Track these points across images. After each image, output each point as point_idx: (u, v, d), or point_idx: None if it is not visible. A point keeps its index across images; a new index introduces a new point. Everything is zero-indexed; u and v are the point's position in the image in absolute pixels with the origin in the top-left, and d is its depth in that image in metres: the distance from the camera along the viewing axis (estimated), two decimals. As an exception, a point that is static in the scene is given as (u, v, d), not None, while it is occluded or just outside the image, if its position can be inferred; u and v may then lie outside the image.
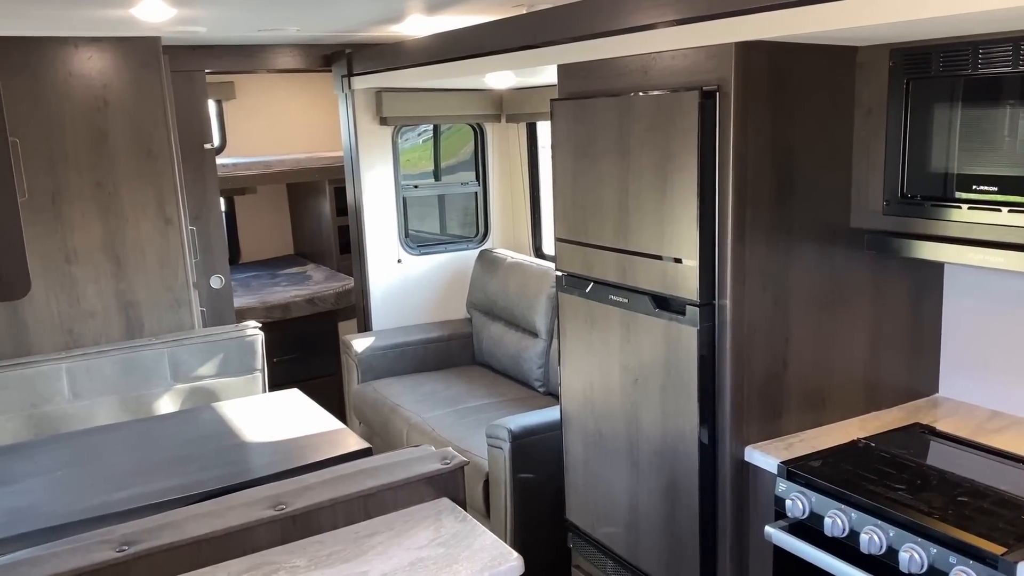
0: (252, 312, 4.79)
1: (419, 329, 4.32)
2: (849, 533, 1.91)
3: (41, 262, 3.35)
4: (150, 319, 3.61)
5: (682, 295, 2.21)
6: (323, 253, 5.91)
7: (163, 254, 3.60)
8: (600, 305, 2.52)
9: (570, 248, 2.62)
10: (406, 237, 4.36)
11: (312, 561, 1.81)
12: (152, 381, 3.49)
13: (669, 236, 2.23)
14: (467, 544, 1.84)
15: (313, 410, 3.05)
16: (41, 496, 2.39)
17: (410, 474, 2.05)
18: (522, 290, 3.87)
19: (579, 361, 2.66)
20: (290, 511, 1.90)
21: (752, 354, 2.19)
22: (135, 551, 1.74)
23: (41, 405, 3.28)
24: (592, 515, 2.71)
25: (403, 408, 3.69)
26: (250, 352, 3.69)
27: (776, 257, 2.18)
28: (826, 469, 2.05)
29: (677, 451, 2.31)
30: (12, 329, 3.36)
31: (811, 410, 2.31)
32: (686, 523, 2.31)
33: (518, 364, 3.89)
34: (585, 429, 2.67)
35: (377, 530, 1.94)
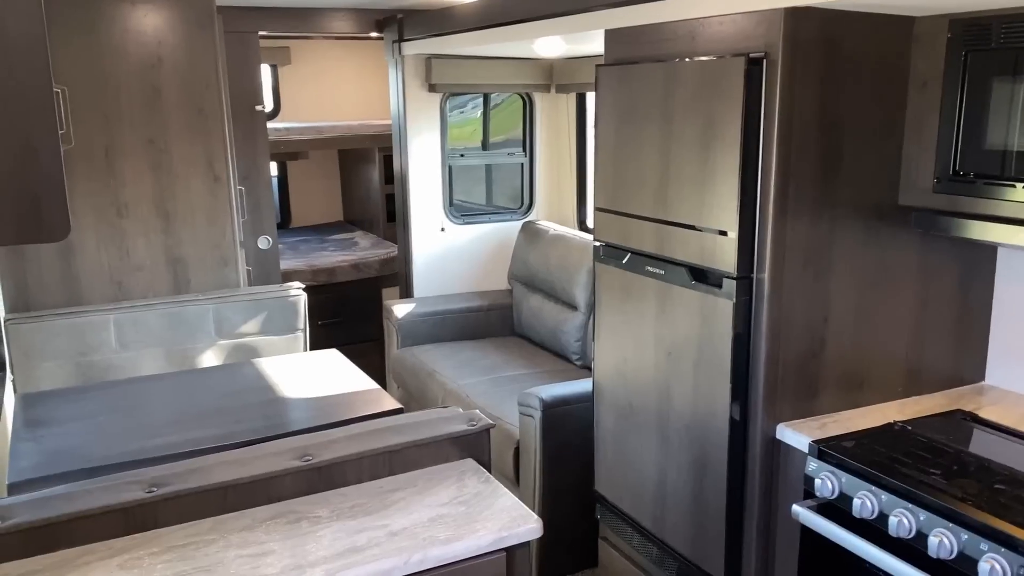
0: (299, 275, 4.86)
1: (460, 298, 4.33)
2: (878, 515, 1.86)
3: (93, 215, 3.43)
4: (197, 275, 3.68)
5: (719, 267, 2.17)
6: (371, 220, 5.95)
7: (211, 212, 3.65)
8: (636, 276, 2.49)
9: (609, 218, 2.59)
10: (450, 206, 4.37)
11: (334, 512, 1.83)
12: (196, 336, 3.56)
13: (709, 207, 2.19)
14: (488, 504, 1.85)
15: (350, 370, 3.07)
16: (82, 439, 2.46)
17: (436, 433, 2.06)
18: (563, 263, 3.85)
19: (613, 333, 2.64)
20: (316, 463, 1.93)
21: (789, 331, 2.14)
22: (163, 493, 1.78)
23: (89, 354, 3.37)
24: (620, 488, 2.69)
25: (440, 374, 3.71)
26: (293, 312, 3.74)
27: (819, 232, 2.13)
28: (859, 450, 2.00)
29: (707, 426, 2.27)
30: (65, 280, 3.45)
31: (848, 391, 2.26)
32: (713, 500, 2.28)
33: (556, 337, 3.88)
34: (617, 401, 2.65)
35: (400, 486, 1.95)
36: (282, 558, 1.65)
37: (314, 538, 1.72)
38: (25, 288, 3.39)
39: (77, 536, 1.71)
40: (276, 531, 1.76)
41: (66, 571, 1.62)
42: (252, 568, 1.62)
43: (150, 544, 1.72)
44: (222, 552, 1.68)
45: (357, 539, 1.72)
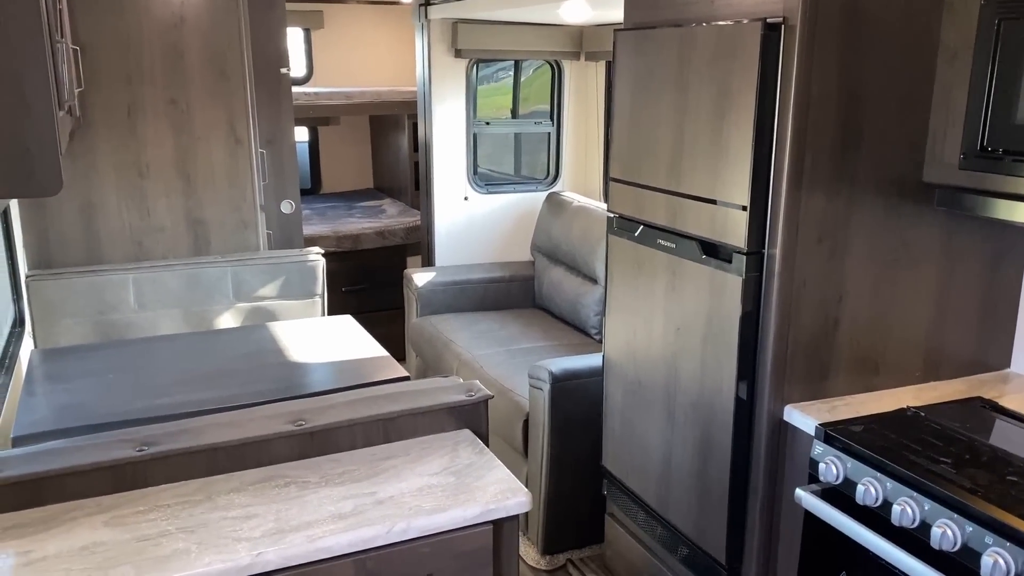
0: (324, 241, 4.86)
1: (481, 268, 4.29)
2: (882, 503, 1.80)
3: (115, 174, 3.45)
4: (217, 238, 3.68)
5: (730, 242, 2.10)
6: (399, 188, 5.93)
7: (232, 174, 3.65)
8: (648, 249, 2.43)
9: (623, 189, 2.52)
10: (474, 175, 4.31)
11: (324, 478, 1.82)
12: (214, 298, 3.57)
13: (722, 179, 2.11)
14: (479, 476, 1.81)
15: (362, 337, 3.06)
16: (90, 396, 2.48)
17: (432, 403, 2.03)
18: (585, 235, 3.79)
19: (624, 307, 2.58)
20: (308, 427, 1.91)
21: (800, 309, 2.07)
22: (152, 452, 1.78)
23: (108, 313, 3.40)
24: (626, 464, 2.65)
25: (456, 344, 3.68)
26: (311, 277, 3.73)
27: (835, 208, 2.04)
28: (867, 435, 1.93)
29: (713, 405, 2.21)
30: (86, 238, 3.48)
31: (861, 374, 2.18)
32: (717, 480, 2.23)
33: (575, 310, 3.83)
34: (625, 377, 2.60)
35: (393, 454, 1.93)
36: (265, 521, 1.64)
37: (300, 503, 1.71)
38: (47, 245, 3.43)
39: (66, 491, 1.72)
40: (263, 495, 1.75)
41: (53, 526, 1.63)
42: (234, 530, 1.61)
43: (137, 502, 1.72)
44: (207, 514, 1.67)
45: (343, 506, 1.70)
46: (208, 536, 1.59)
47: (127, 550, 1.54)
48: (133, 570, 1.48)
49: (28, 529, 1.61)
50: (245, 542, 1.57)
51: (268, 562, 1.54)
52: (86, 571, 1.47)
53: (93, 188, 3.43)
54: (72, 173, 3.37)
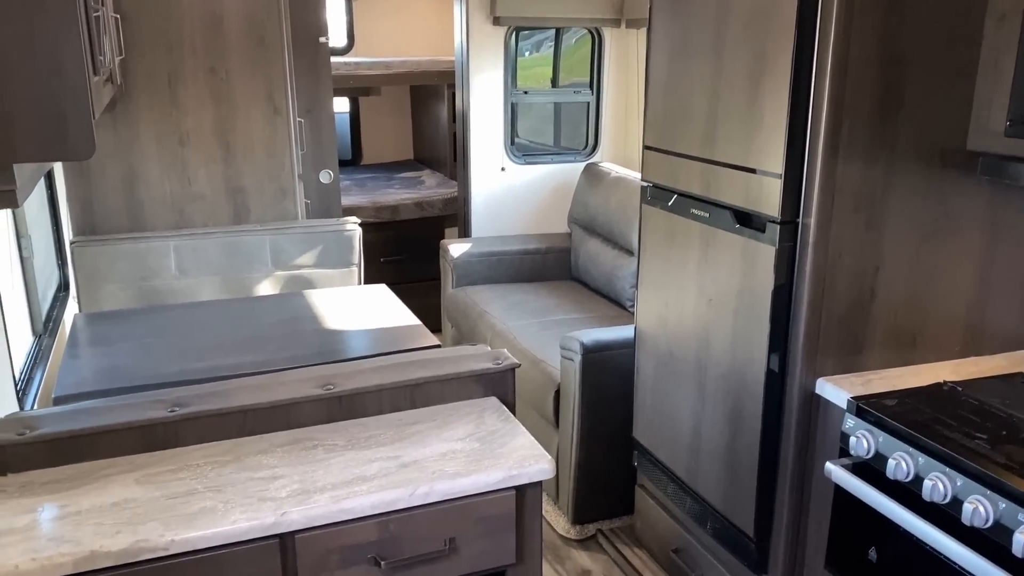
0: (362, 211, 4.88)
1: (517, 240, 4.28)
2: (913, 478, 1.76)
3: (156, 143, 3.50)
4: (256, 206, 3.72)
5: (764, 211, 2.06)
6: (439, 159, 5.93)
7: (271, 144, 3.68)
8: (681, 219, 2.39)
9: (657, 157, 2.49)
10: (511, 145, 4.29)
11: (350, 441, 1.84)
12: (253, 266, 3.62)
13: (757, 146, 2.06)
14: (503, 442, 1.82)
15: (396, 306, 3.08)
16: (129, 359, 2.53)
17: (459, 370, 2.03)
18: (622, 206, 3.75)
19: (656, 278, 2.55)
20: (336, 392, 1.93)
21: (835, 280, 2.02)
22: (184, 413, 1.82)
23: (150, 279, 3.47)
24: (657, 436, 2.63)
25: (490, 315, 3.68)
26: (348, 246, 3.76)
27: (873, 176, 1.98)
28: (900, 409, 1.88)
29: (744, 377, 2.18)
30: (129, 205, 3.54)
31: (897, 348, 2.13)
32: (746, 453, 2.21)
33: (611, 282, 3.80)
34: (657, 348, 2.58)
35: (420, 420, 1.94)
36: (291, 482, 1.66)
37: (325, 465, 1.73)
38: (91, 212, 3.50)
39: (100, 449, 1.76)
40: (290, 456, 1.77)
41: (87, 482, 1.67)
42: (260, 490, 1.63)
43: (168, 461, 1.75)
44: (235, 474, 1.70)
45: (367, 468, 1.71)
46: (235, 495, 1.62)
47: (156, 507, 1.58)
48: (161, 526, 1.51)
49: (64, 484, 1.66)
50: (271, 502, 1.59)
51: (292, 521, 1.56)
52: (116, 526, 1.51)
53: (135, 156, 3.48)
54: (115, 142, 3.43)
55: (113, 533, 1.49)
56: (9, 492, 1.63)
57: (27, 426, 1.74)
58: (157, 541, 1.48)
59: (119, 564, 1.46)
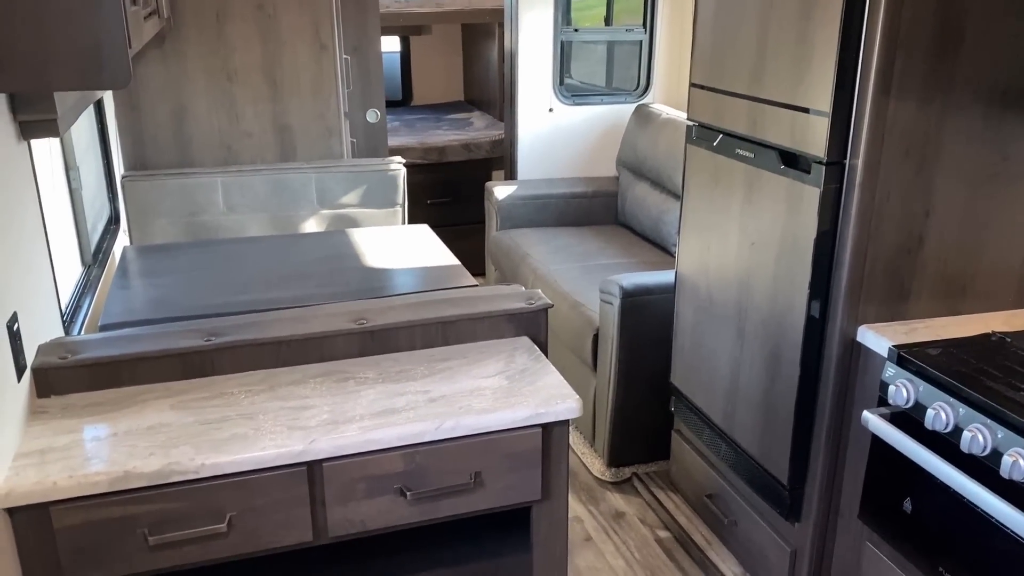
0: (410, 152, 4.87)
1: (564, 183, 4.22)
2: (952, 429, 1.71)
3: (205, 79, 3.52)
4: (302, 144, 3.74)
5: (810, 151, 1.99)
6: (488, 100, 5.86)
7: (317, 81, 3.67)
8: (726, 160, 2.33)
9: (704, 95, 2.41)
10: (560, 85, 4.21)
11: (381, 375, 1.85)
12: (299, 204, 3.65)
13: (805, 83, 1.98)
14: (531, 381, 1.81)
15: (436, 246, 3.07)
16: (174, 291, 2.58)
17: (492, 309, 2.03)
18: (671, 148, 3.67)
19: (699, 221, 2.50)
20: (369, 327, 1.94)
21: (882, 224, 1.95)
22: (220, 342, 1.85)
23: (199, 214, 3.52)
24: (694, 381, 2.61)
25: (532, 258, 3.66)
26: (392, 186, 3.75)
27: (927, 117, 1.89)
28: (943, 358, 1.82)
29: (784, 323, 2.14)
30: (178, 140, 3.58)
31: (946, 296, 2.05)
32: (783, 400, 2.17)
33: (658, 227, 3.74)
34: (697, 293, 2.54)
35: (451, 356, 1.95)
36: (321, 412, 1.69)
37: (355, 397, 1.75)
38: (142, 147, 3.55)
39: (139, 375, 1.81)
40: (322, 387, 1.80)
41: (125, 406, 1.72)
42: (291, 419, 1.66)
43: (204, 389, 1.79)
44: (267, 403, 1.73)
45: (396, 401, 1.73)
46: (266, 423, 1.65)
47: (189, 432, 1.62)
48: (193, 450, 1.55)
49: (103, 408, 1.71)
50: (300, 430, 1.62)
51: (320, 450, 1.59)
52: (149, 448, 1.55)
53: (184, 92, 3.51)
54: (164, 77, 3.46)
55: (147, 455, 1.53)
56: (52, 413, 1.69)
57: (70, 351, 1.79)
58: (188, 464, 1.51)
59: (151, 485, 1.50)
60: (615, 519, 2.81)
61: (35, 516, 1.47)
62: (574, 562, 2.61)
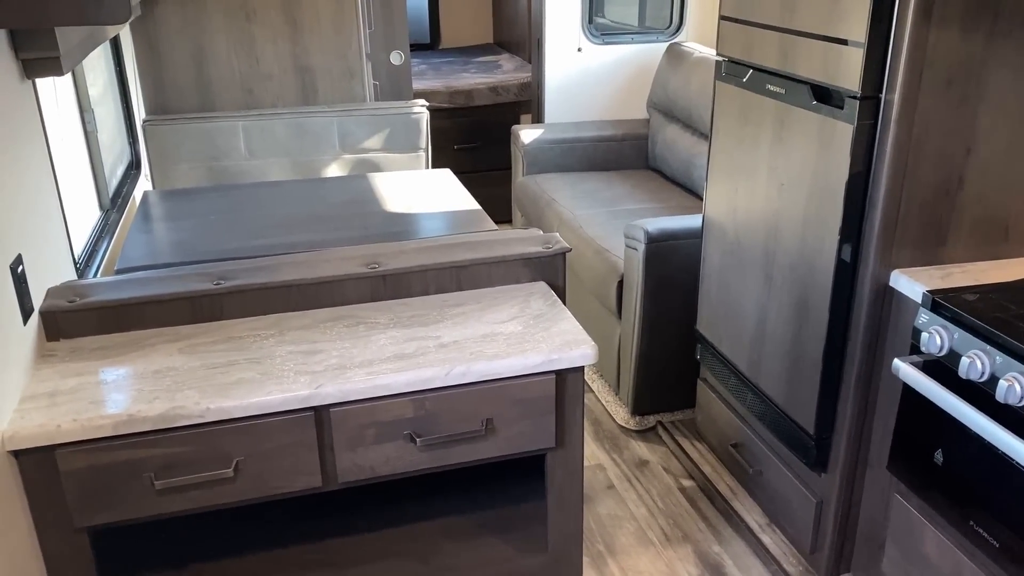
0: (435, 95, 4.77)
1: (592, 126, 4.11)
2: (988, 378, 1.62)
3: (223, 17, 3.45)
4: (324, 86, 3.67)
5: (843, 85, 1.87)
6: (517, 42, 5.72)
7: (337, 20, 3.58)
8: (756, 96, 2.22)
9: (734, 28, 2.29)
10: (590, 24, 4.07)
11: (393, 320, 1.81)
12: (321, 148, 3.59)
13: (839, 11, 1.86)
14: (545, 327, 1.76)
15: (459, 191, 3.01)
16: (191, 235, 2.56)
17: (507, 253, 1.97)
18: (703, 88, 3.53)
19: (727, 161, 2.40)
20: (381, 271, 1.89)
21: (919, 163, 1.84)
22: (228, 286, 1.81)
23: (221, 159, 3.49)
24: (720, 329, 2.53)
25: (558, 203, 3.58)
26: (415, 130, 3.68)
27: (971, 46, 1.77)
28: (980, 304, 1.73)
29: (813, 266, 2.05)
30: (198, 84, 3.53)
31: (986, 240, 1.95)
32: (811, 346, 2.09)
33: (688, 170, 3.63)
34: (724, 237, 2.45)
35: (464, 302, 1.89)
36: (329, 357, 1.65)
37: (365, 342, 1.71)
38: (163, 91, 3.51)
39: (148, 319, 1.79)
40: (332, 332, 1.76)
41: (132, 349, 1.70)
42: (299, 363, 1.63)
43: (212, 333, 1.77)
44: (275, 347, 1.70)
45: (406, 347, 1.69)
46: (273, 367, 1.62)
47: (195, 375, 1.59)
48: (198, 394, 1.52)
49: (111, 351, 1.69)
50: (307, 375, 1.59)
51: (327, 394, 1.55)
52: (155, 392, 1.53)
53: (203, 33, 3.45)
54: (182, 17, 3.40)
55: (151, 399, 1.51)
56: (60, 356, 1.67)
57: (78, 294, 1.76)
58: (192, 408, 1.49)
59: (156, 429, 1.48)
60: (638, 467, 2.77)
61: (41, 459, 1.46)
62: (595, 510, 2.58)
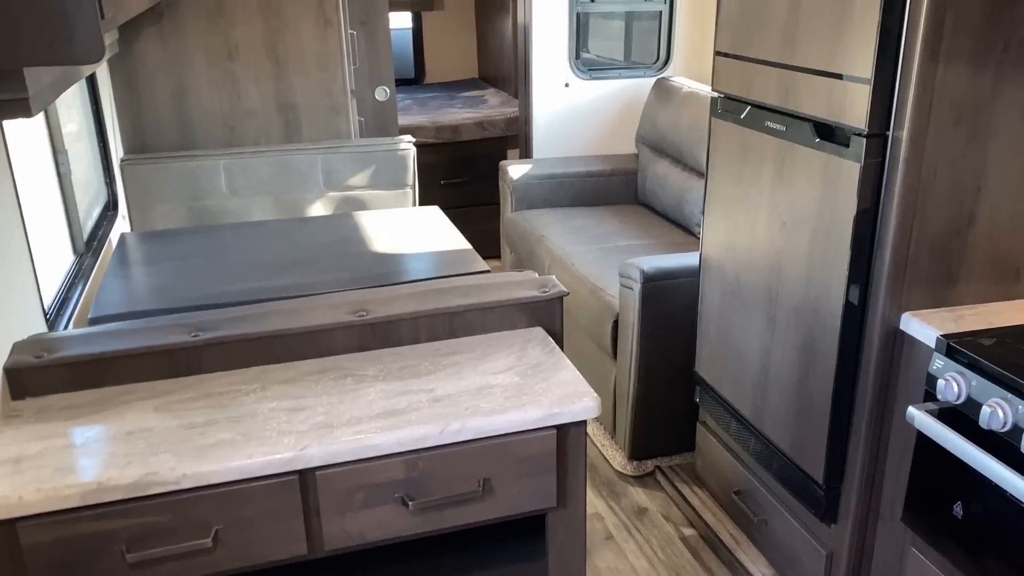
0: (422, 131, 4.71)
1: (581, 161, 4.05)
2: (1012, 428, 1.54)
3: (204, 56, 3.37)
4: (308, 123, 3.59)
5: (849, 123, 1.81)
6: (503, 77, 5.68)
7: (322, 57, 3.51)
8: (755, 133, 2.15)
9: (730, 64, 2.23)
10: (576, 59, 4.03)
11: (383, 371, 1.71)
12: (306, 186, 3.51)
13: (844, 48, 1.80)
14: (544, 377, 1.66)
15: (448, 229, 2.93)
16: (170, 279, 2.46)
17: (502, 297, 1.88)
18: (694, 123, 3.48)
19: (725, 199, 2.33)
20: (370, 319, 1.80)
21: (928, 201, 1.78)
22: (208, 338, 1.71)
23: (202, 198, 3.39)
24: (721, 371, 2.45)
25: (549, 240, 3.50)
26: (402, 166, 3.60)
27: (980, 82, 1.71)
28: (998, 349, 1.65)
29: (819, 309, 1.97)
30: (179, 122, 3.45)
31: (999, 280, 1.88)
32: (819, 393, 2.01)
33: (680, 206, 3.56)
34: (723, 277, 2.37)
35: (458, 350, 1.80)
36: (315, 414, 1.55)
37: (353, 396, 1.61)
38: (142, 129, 3.42)
39: (121, 374, 1.68)
40: (317, 386, 1.66)
41: (104, 408, 1.59)
42: (282, 422, 1.53)
43: (190, 389, 1.66)
44: (257, 404, 1.60)
45: (397, 402, 1.59)
46: (255, 427, 1.51)
47: (172, 437, 1.48)
48: (174, 458, 1.42)
49: (81, 411, 1.58)
50: (292, 435, 1.48)
51: (312, 457, 1.45)
52: (127, 456, 1.42)
53: (184, 70, 3.37)
54: (163, 55, 3.32)
55: (124, 464, 1.40)
56: (25, 417, 1.56)
57: (46, 348, 1.66)
58: (168, 474, 1.38)
59: (128, 497, 1.37)
60: (637, 516, 2.66)
61: (1, 533, 1.35)
62: (593, 563, 2.47)
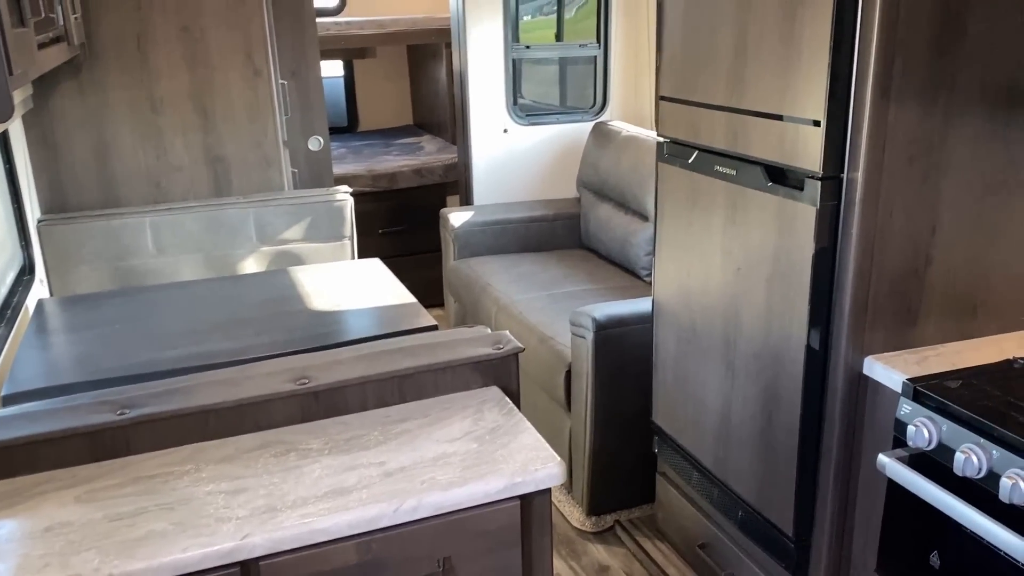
0: (358, 180, 4.61)
1: (522, 207, 4.00)
2: (987, 475, 1.50)
3: (128, 110, 3.22)
4: (238, 176, 3.46)
5: (802, 165, 1.78)
6: (439, 124, 5.63)
7: (252, 108, 3.40)
8: (704, 178, 2.11)
9: (675, 108, 2.20)
10: (514, 105, 3.99)
11: (328, 444, 1.59)
12: (237, 241, 3.36)
13: (793, 90, 1.78)
14: (504, 443, 1.56)
15: (390, 282, 2.82)
16: (92, 348, 2.29)
17: (454, 357, 1.78)
18: (635, 167, 3.46)
19: (676, 244, 2.28)
20: (312, 387, 1.68)
21: (886, 243, 1.75)
22: (135, 415, 1.57)
23: (127, 258, 3.22)
24: (679, 420, 2.38)
25: (494, 288, 3.42)
26: (339, 218, 3.49)
27: (931, 122, 1.70)
28: (966, 392, 1.62)
29: (780, 356, 1.92)
30: (101, 180, 3.28)
31: (957, 319, 1.86)
32: (784, 442, 1.95)
33: (624, 250, 3.52)
34: (678, 323, 2.31)
35: (410, 416, 1.69)
36: (256, 496, 1.42)
37: (297, 474, 1.48)
38: (60, 188, 3.24)
39: (37, 461, 1.52)
40: (258, 464, 1.53)
41: (18, 501, 1.43)
42: (220, 507, 1.39)
43: (116, 474, 1.51)
44: (192, 487, 1.46)
45: (346, 478, 1.47)
46: (189, 515, 1.37)
47: (95, 532, 1.33)
48: (98, 556, 1.27)
49: (-9, 505, 1.42)
50: (231, 522, 1.35)
51: (255, 546, 1.32)
52: (45, 558, 1.27)
53: (106, 126, 3.21)
54: (83, 110, 3.16)
55: (40, 567, 1.25)
56: (-74, 517, 1.39)
57: (-49, 436, 1.49)
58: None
59: (45, 607, 1.22)
60: (599, 574, 2.56)
61: None
62: (557, 628, 2.35)
